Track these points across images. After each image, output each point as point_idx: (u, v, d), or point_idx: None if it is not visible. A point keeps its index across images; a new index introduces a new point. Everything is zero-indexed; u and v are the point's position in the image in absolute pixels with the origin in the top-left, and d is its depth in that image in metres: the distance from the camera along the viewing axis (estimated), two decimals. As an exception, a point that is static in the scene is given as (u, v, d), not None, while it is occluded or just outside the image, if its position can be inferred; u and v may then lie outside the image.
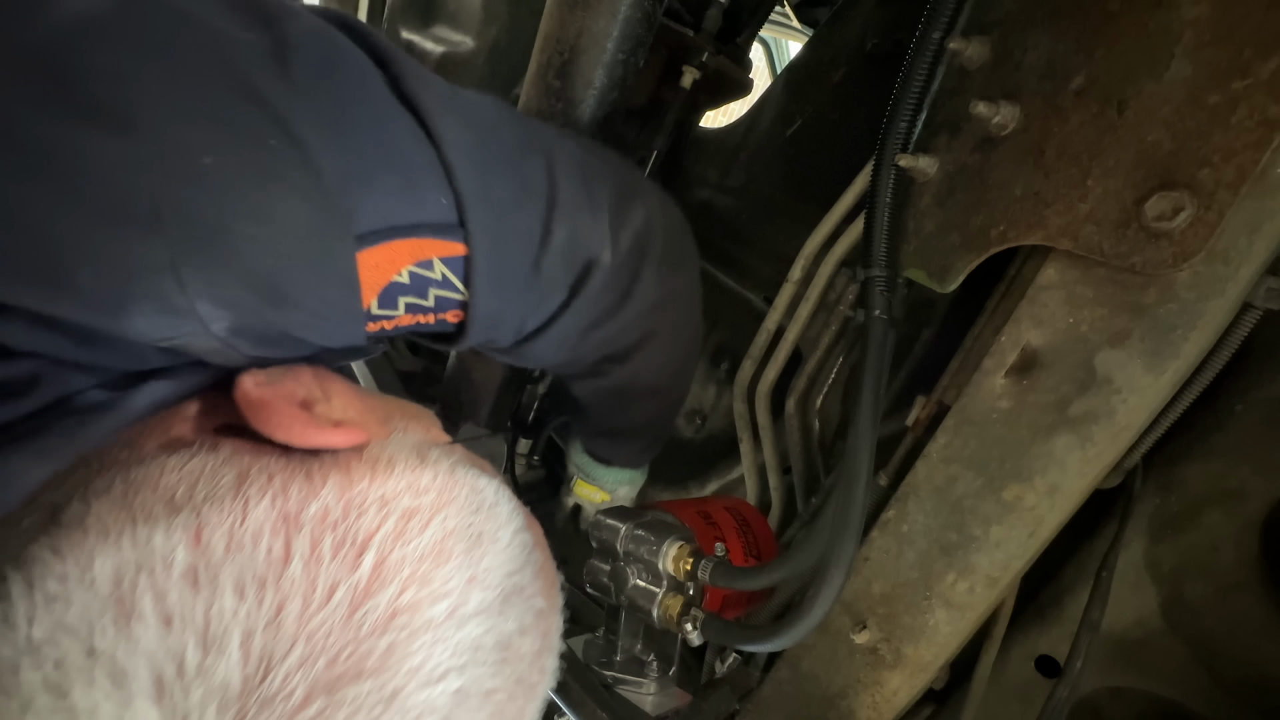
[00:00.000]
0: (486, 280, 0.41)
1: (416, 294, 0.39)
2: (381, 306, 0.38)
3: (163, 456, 0.30)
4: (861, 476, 0.46)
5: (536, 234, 0.43)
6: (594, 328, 0.52)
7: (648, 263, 0.52)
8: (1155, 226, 0.37)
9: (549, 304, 0.48)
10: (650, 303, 0.54)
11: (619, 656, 0.59)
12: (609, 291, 0.50)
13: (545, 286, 0.46)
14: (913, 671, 0.51)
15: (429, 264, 0.38)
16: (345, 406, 0.35)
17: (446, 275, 0.40)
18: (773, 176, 1.04)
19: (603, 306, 0.51)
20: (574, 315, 0.49)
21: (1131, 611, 0.60)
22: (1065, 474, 0.43)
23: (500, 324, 0.46)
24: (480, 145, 0.40)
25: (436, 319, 0.42)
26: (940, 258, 0.50)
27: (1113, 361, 0.40)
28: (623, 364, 0.59)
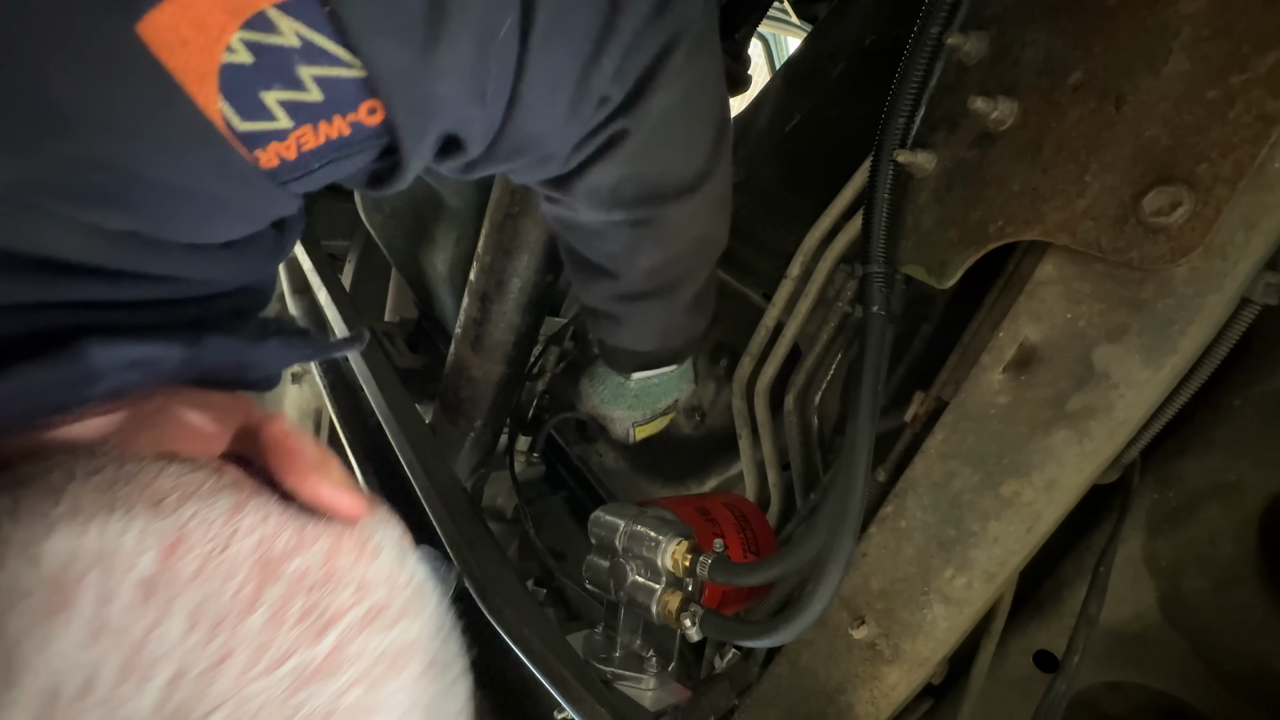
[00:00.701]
0: (366, 24, 0.27)
1: (283, 83, 0.27)
2: (245, 114, 0.27)
3: (164, 461, 0.28)
4: (860, 472, 0.46)
5: None
6: (591, 63, 0.36)
7: None
8: (1153, 222, 0.37)
9: (502, 42, 0.32)
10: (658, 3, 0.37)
11: (618, 652, 0.59)
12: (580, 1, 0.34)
13: (474, 7, 0.30)
14: (911, 666, 0.51)
15: (265, 22, 0.25)
16: (339, 483, 0.31)
17: (306, 36, 0.26)
18: (771, 172, 1.04)
19: (589, 21, 0.35)
20: (548, 45, 0.33)
21: (1129, 606, 0.60)
22: (1063, 469, 0.43)
23: (434, 93, 0.31)
24: None
25: (350, 124, 0.30)
26: (938, 253, 0.50)
27: (1110, 357, 0.40)
28: (635, 110, 0.41)
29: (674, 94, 0.41)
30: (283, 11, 0.25)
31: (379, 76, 0.29)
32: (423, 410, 0.96)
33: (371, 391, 0.81)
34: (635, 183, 0.48)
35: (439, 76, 0.30)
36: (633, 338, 0.68)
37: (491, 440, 0.88)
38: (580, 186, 0.47)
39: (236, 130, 0.27)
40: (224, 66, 0.25)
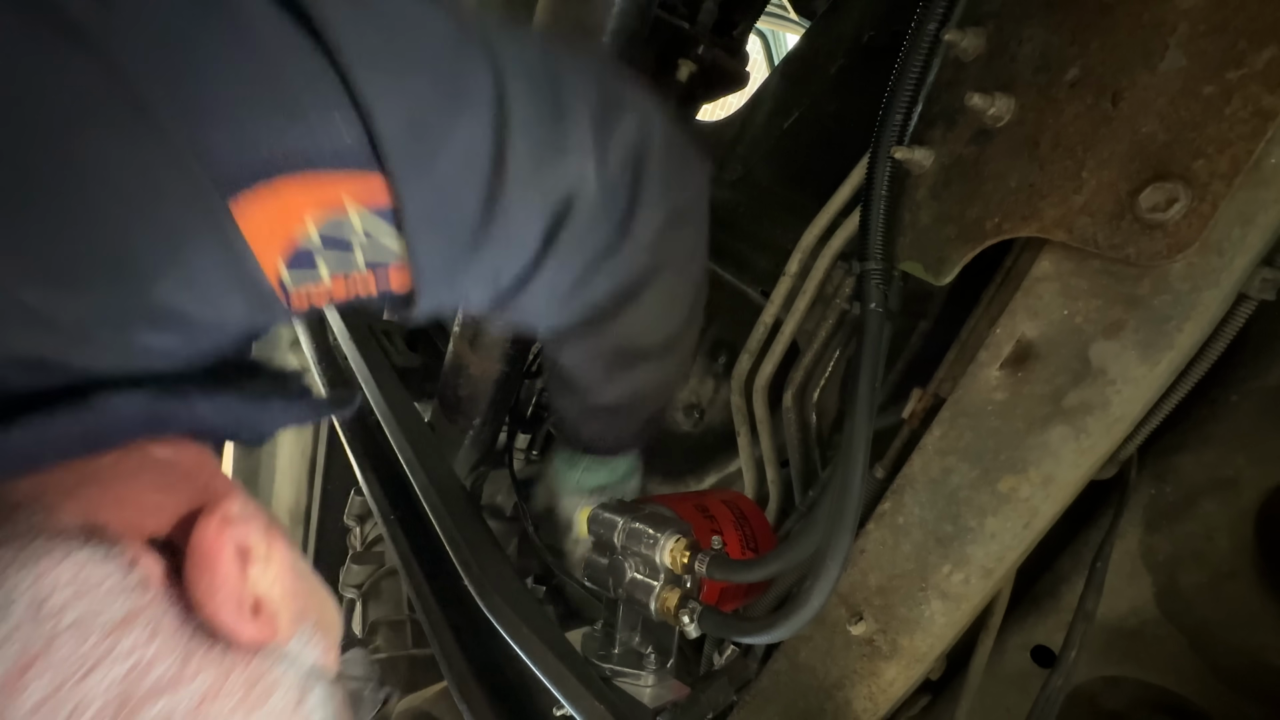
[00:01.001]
0: (424, 225, 0.32)
1: (338, 257, 0.31)
2: (296, 274, 0.31)
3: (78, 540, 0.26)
4: (857, 469, 0.46)
5: (484, 157, 0.33)
6: (591, 269, 0.42)
7: (648, 180, 0.41)
8: (1149, 218, 0.37)
9: (524, 247, 0.38)
10: (656, 229, 0.43)
11: (617, 649, 0.59)
12: (602, 222, 0.40)
13: (512, 225, 0.36)
14: (909, 662, 0.51)
15: (341, 214, 0.30)
16: (278, 579, 0.29)
17: (372, 229, 0.31)
18: (770, 169, 1.04)
19: (598, 242, 0.41)
20: (562, 255, 0.39)
21: (1126, 601, 0.60)
22: (1060, 465, 0.43)
23: (459, 281, 0.37)
24: (394, 44, 0.30)
25: (379, 287, 0.34)
26: (936, 250, 0.50)
27: (1107, 353, 0.40)
28: (626, 311, 0.48)
29: (658, 299, 0.49)
30: (356, 207, 0.30)
31: (418, 266, 0.34)
32: (422, 409, 0.96)
33: (370, 390, 0.81)
34: (616, 348, 0.55)
35: (468, 273, 0.37)
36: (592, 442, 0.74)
37: (490, 438, 0.88)
38: (566, 345, 0.56)
39: (285, 284, 0.31)
40: (295, 241, 0.30)
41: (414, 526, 0.76)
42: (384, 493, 0.82)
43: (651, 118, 0.42)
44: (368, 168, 0.30)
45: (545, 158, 0.35)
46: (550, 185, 0.37)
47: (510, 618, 0.57)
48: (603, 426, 0.69)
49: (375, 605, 0.96)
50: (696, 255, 0.53)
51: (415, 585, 0.73)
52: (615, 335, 0.52)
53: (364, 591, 0.99)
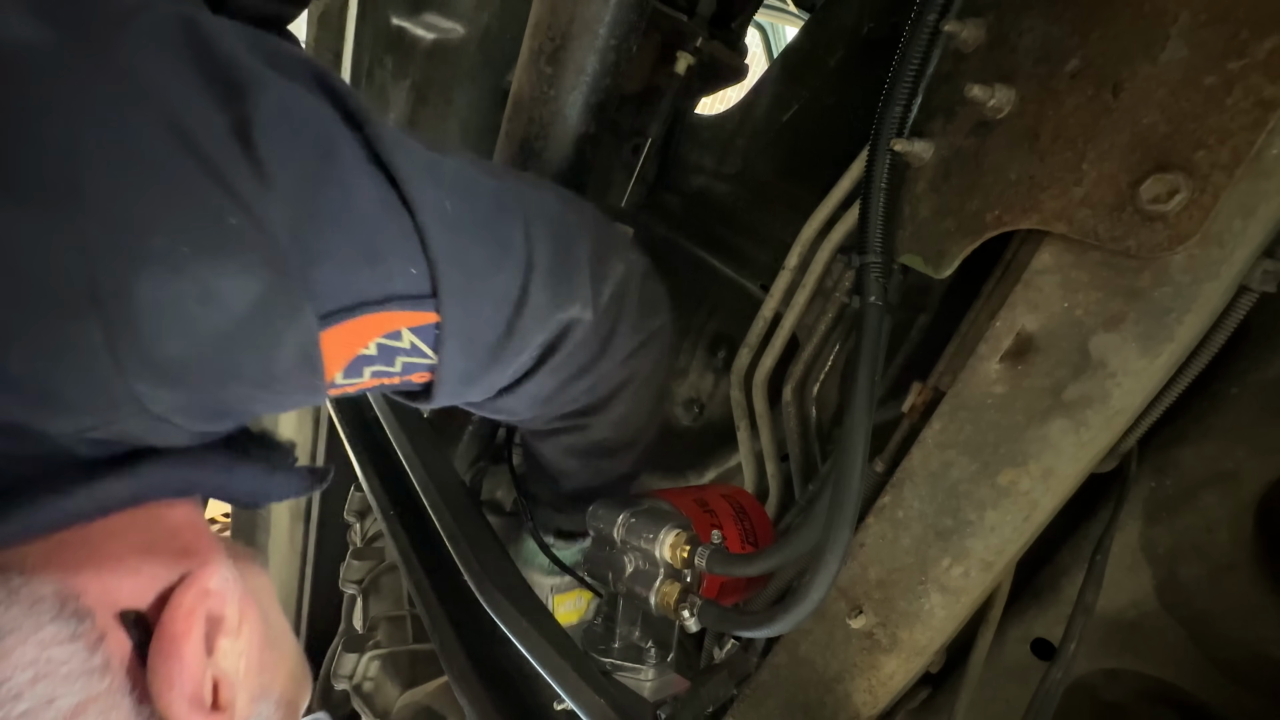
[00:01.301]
0: (457, 346, 0.40)
1: (384, 363, 0.39)
2: (347, 377, 0.38)
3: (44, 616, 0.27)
4: (857, 462, 0.46)
5: (513, 298, 0.42)
6: (572, 381, 0.52)
7: (626, 312, 0.52)
8: (1150, 209, 0.37)
9: (522, 362, 0.47)
10: (628, 350, 0.54)
11: (617, 643, 0.59)
12: (588, 346, 0.50)
13: (520, 347, 0.45)
14: (908, 655, 0.51)
15: (398, 335, 0.38)
16: (243, 653, 0.32)
17: (416, 344, 0.39)
18: (769, 162, 1.04)
19: (581, 360, 0.51)
20: (551, 371, 0.49)
21: (1126, 594, 0.60)
22: (1060, 458, 0.43)
23: (470, 385, 0.45)
24: (456, 209, 0.39)
25: (402, 380, 0.42)
26: (935, 243, 0.50)
27: (1107, 345, 0.40)
28: (598, 415, 0.59)
29: (629, 404, 0.60)
30: (411, 331, 0.38)
31: (443, 373, 0.41)
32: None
33: (369, 386, 0.81)
34: (591, 445, 0.64)
35: (479, 382, 0.45)
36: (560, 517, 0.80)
37: (489, 433, 0.88)
38: (550, 444, 0.65)
39: (335, 384, 0.38)
40: (357, 356, 0.37)
41: (413, 522, 0.77)
42: (383, 488, 0.82)
43: (634, 260, 0.53)
44: (427, 307, 0.38)
45: (556, 300, 0.45)
46: (555, 320, 0.45)
47: (509, 612, 0.57)
48: (572, 510, 0.76)
49: (376, 601, 0.96)
50: (660, 369, 0.63)
51: (415, 580, 0.73)
52: (588, 434, 0.62)
53: (364, 587, 0.99)
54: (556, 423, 0.60)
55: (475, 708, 0.65)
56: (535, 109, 0.59)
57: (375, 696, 0.86)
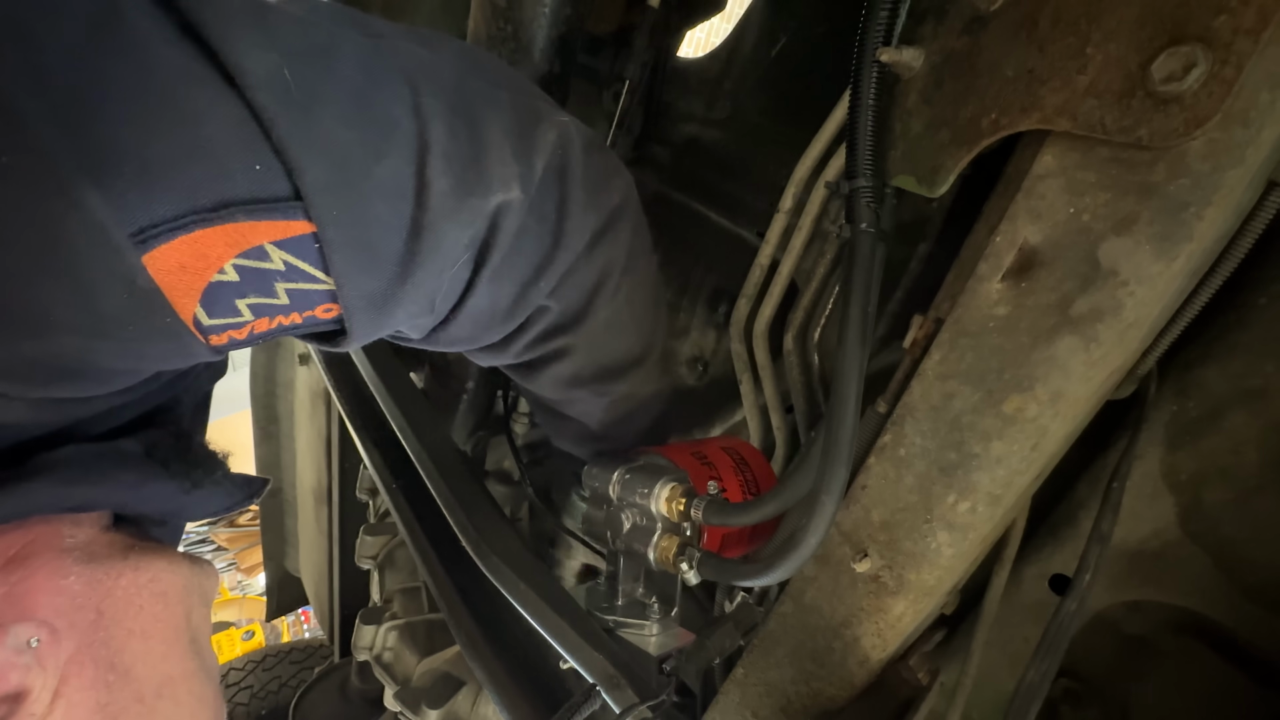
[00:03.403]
0: (351, 260, 0.32)
1: (259, 293, 0.31)
2: (215, 315, 0.31)
3: None
4: (849, 398, 0.43)
5: (408, 189, 0.33)
6: (528, 287, 0.42)
7: (572, 189, 0.41)
8: (1164, 90, 0.33)
9: (453, 272, 0.38)
10: (589, 235, 0.44)
11: (620, 601, 0.58)
12: (533, 238, 0.40)
13: (437, 250, 0.35)
14: (917, 596, 0.49)
15: (261, 253, 0.30)
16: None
17: (293, 263, 0.31)
18: (760, 103, 0.98)
19: (531, 257, 0.41)
20: (494, 277, 0.39)
21: (1148, 523, 0.57)
22: (1069, 379, 0.40)
23: (391, 310, 0.36)
24: (304, 78, 0.29)
25: (305, 317, 0.34)
26: (929, 159, 0.46)
27: (1118, 251, 0.36)
28: (578, 329, 0.48)
29: (614, 305, 0.49)
30: (278, 246, 0.30)
31: (347, 297, 0.33)
32: (418, 378, 0.95)
33: (360, 361, 0.80)
34: (590, 369, 0.54)
35: (400, 303, 0.36)
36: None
37: (486, 401, 0.87)
38: (542, 378, 0.54)
39: (201, 325, 0.31)
40: (211, 284, 0.29)
41: (415, 494, 0.76)
42: (385, 463, 0.81)
43: (568, 127, 0.42)
44: (290, 214, 0.29)
45: (468, 187, 0.35)
46: (474, 211, 0.36)
47: (508, 576, 0.56)
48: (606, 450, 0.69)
49: (391, 574, 0.98)
50: (640, 258, 0.52)
51: (421, 551, 0.73)
52: (576, 357, 0.52)
53: (379, 561, 1.00)
54: (535, 350, 0.50)
55: (486, 671, 0.66)
56: (493, 48, 0.55)
57: (395, 665, 0.88)
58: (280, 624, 4.16)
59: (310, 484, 1.69)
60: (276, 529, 1.92)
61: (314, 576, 1.84)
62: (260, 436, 1.75)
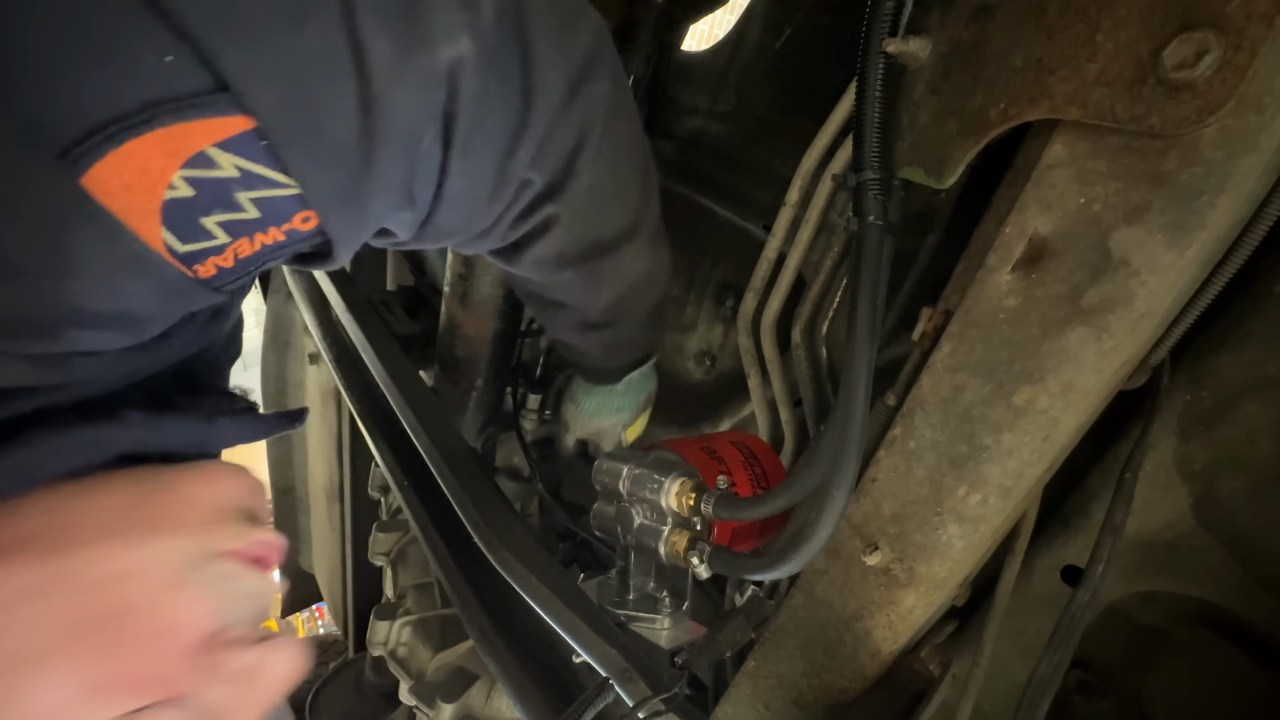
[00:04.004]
0: (304, 154, 0.29)
1: (223, 207, 0.29)
2: (186, 239, 0.28)
3: None
4: (859, 392, 0.43)
5: (344, 60, 0.29)
6: (509, 156, 0.38)
7: (534, 32, 0.36)
8: (1175, 78, 0.32)
9: (425, 151, 0.34)
10: (562, 88, 0.39)
11: (632, 595, 0.59)
12: (498, 97, 0.35)
13: (400, 127, 0.32)
14: (928, 589, 0.49)
15: (206, 160, 0.27)
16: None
17: (245, 167, 0.28)
18: (765, 95, 0.98)
19: (503, 120, 0.37)
20: (467, 150, 0.35)
21: (1161, 514, 0.57)
22: (1080, 371, 0.39)
23: (366, 204, 0.34)
24: None
25: (286, 232, 0.32)
26: (937, 150, 0.46)
27: (1130, 240, 0.36)
28: (562, 196, 0.44)
29: (596, 168, 0.44)
30: (222, 149, 0.27)
31: (315, 196, 0.31)
32: (428, 376, 0.95)
33: (370, 360, 0.80)
34: (576, 245, 0.51)
35: (372, 194, 0.33)
36: (607, 355, 0.71)
37: (495, 399, 0.87)
38: (526, 258, 0.50)
39: (177, 253, 0.29)
40: (166, 202, 0.27)
41: (426, 491, 0.77)
42: (396, 460, 0.82)
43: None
44: (225, 110, 0.26)
45: (409, 43, 0.30)
46: (425, 72, 0.32)
47: (519, 570, 0.56)
48: (607, 339, 0.66)
49: (404, 570, 0.99)
50: (621, 110, 0.46)
51: (433, 547, 0.74)
52: (560, 229, 0.47)
53: (392, 558, 1.01)
54: (521, 226, 0.46)
55: (499, 665, 0.66)
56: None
57: (410, 660, 0.89)
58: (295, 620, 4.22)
59: (322, 482, 1.71)
60: (290, 526, 1.94)
61: (327, 573, 1.86)
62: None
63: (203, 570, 0.32)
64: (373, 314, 0.90)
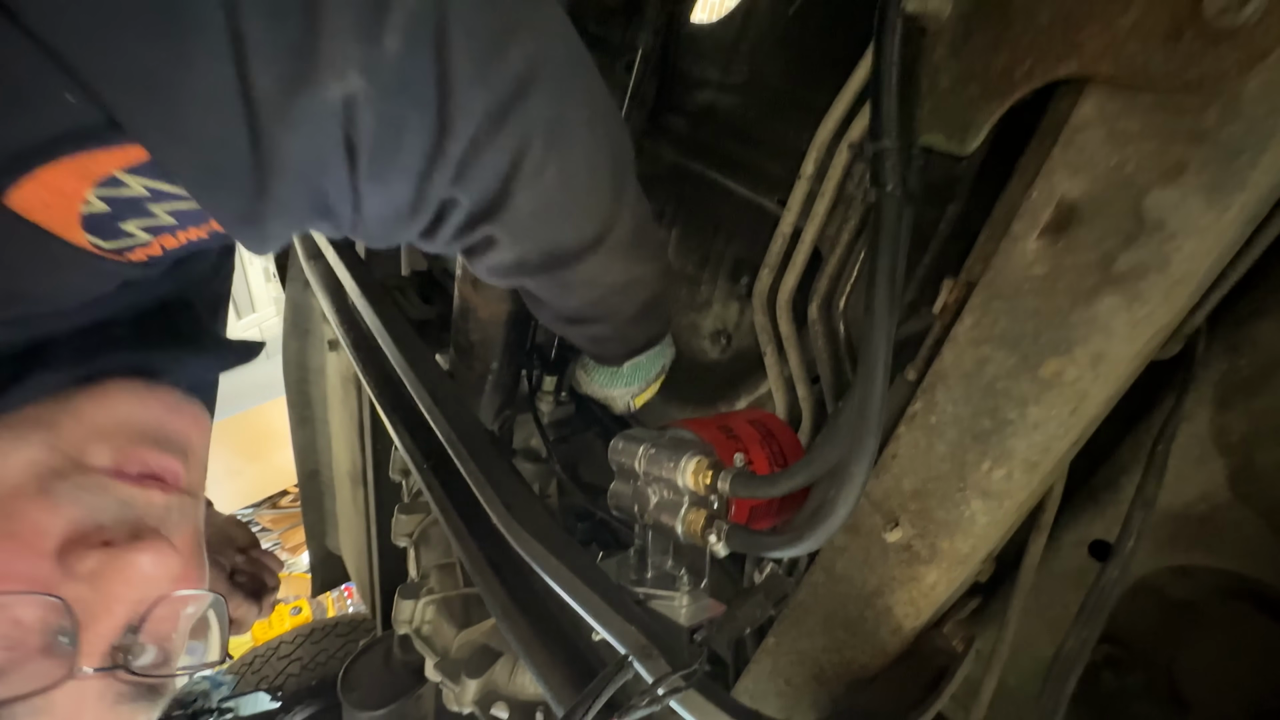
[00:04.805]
0: (200, 182, 0.31)
1: (137, 216, 0.32)
2: (109, 239, 0.32)
3: None
4: (878, 366, 0.42)
5: (232, 94, 0.29)
6: (425, 178, 0.37)
7: (453, 57, 0.33)
8: (1217, 25, 0.30)
9: (333, 175, 0.34)
10: (486, 111, 0.36)
11: (650, 573, 0.59)
12: (411, 122, 0.34)
13: (288, 161, 0.32)
14: (950, 565, 0.49)
15: (115, 181, 0.30)
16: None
17: (154, 187, 0.31)
18: (778, 65, 0.95)
19: (416, 146, 0.35)
20: (375, 176, 0.35)
21: (1195, 486, 0.55)
22: (1111, 340, 0.38)
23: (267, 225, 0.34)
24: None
25: (209, 232, 0.35)
26: (959, 114, 0.44)
27: (1165, 202, 0.34)
28: (496, 219, 0.42)
29: (541, 186, 0.42)
30: (129, 173, 0.30)
31: (216, 216, 0.34)
32: (444, 360, 0.96)
33: (386, 345, 0.81)
34: (533, 255, 0.48)
35: (270, 217, 0.34)
36: (599, 346, 0.70)
37: (511, 381, 0.87)
38: (480, 267, 0.50)
39: (104, 249, 0.33)
40: (84, 215, 0.31)
41: (446, 474, 0.78)
42: (415, 444, 0.83)
43: None
44: (123, 142, 0.29)
45: (291, 83, 0.30)
46: (313, 110, 0.31)
47: (537, 550, 0.57)
48: (593, 334, 0.65)
49: (426, 551, 1.00)
50: (575, 122, 0.42)
51: (453, 528, 0.75)
52: (516, 243, 0.46)
53: (414, 539, 1.03)
54: (460, 241, 0.45)
55: (521, 642, 0.67)
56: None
57: (434, 638, 0.91)
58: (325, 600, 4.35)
59: (346, 466, 1.74)
60: (316, 509, 1.99)
61: (354, 554, 1.91)
62: (296, 421, 1.81)
63: (65, 481, 0.37)
64: (388, 300, 0.91)
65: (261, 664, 1.93)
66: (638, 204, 0.54)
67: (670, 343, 0.79)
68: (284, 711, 1.81)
